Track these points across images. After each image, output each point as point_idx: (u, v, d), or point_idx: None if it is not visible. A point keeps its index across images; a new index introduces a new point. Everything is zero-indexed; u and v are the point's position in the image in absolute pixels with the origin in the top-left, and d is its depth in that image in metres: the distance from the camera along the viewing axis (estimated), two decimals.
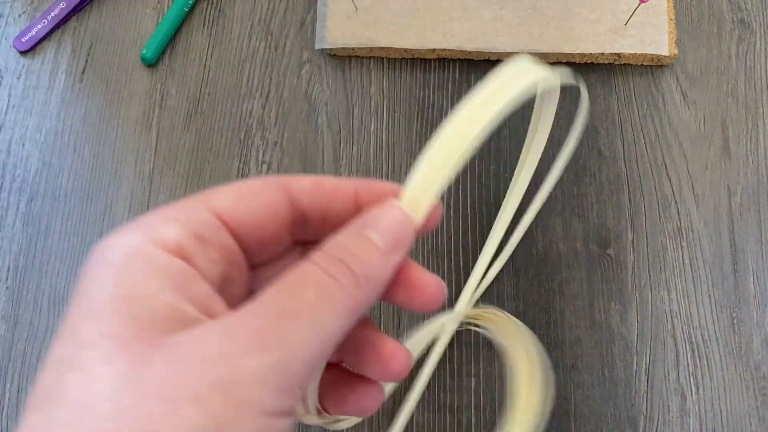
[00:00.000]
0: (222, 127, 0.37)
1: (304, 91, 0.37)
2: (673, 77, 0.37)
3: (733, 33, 0.37)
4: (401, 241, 0.20)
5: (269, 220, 0.21)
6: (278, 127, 0.37)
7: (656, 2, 0.36)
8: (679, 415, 0.32)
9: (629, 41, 0.36)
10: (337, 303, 0.18)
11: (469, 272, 0.34)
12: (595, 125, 0.36)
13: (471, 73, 0.37)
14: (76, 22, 0.39)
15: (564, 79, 0.24)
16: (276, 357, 0.17)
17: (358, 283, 0.19)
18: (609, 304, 0.33)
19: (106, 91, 0.38)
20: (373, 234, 0.20)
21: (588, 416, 0.32)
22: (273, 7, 0.39)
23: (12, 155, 0.37)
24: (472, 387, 0.33)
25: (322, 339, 0.18)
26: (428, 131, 0.36)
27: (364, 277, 0.19)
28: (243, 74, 0.38)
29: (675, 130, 0.36)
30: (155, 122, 0.37)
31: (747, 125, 0.36)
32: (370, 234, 0.20)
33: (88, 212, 0.36)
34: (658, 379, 0.32)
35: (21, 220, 0.36)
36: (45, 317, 0.35)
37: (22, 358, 0.34)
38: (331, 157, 0.36)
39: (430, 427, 0.32)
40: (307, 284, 0.18)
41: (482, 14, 0.36)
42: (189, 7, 0.38)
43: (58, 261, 0.35)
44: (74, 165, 0.37)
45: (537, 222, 0.35)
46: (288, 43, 0.38)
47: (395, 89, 0.37)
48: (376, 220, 0.20)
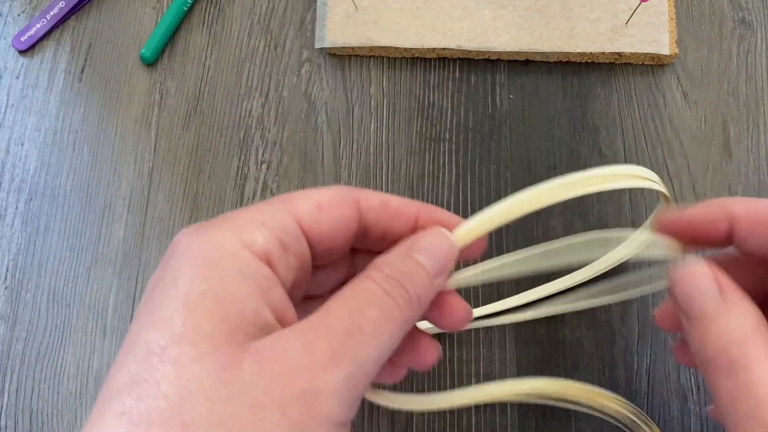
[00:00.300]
0: (221, 126, 0.37)
1: (304, 90, 0.37)
2: (674, 77, 0.37)
3: (734, 32, 0.37)
4: (445, 268, 0.22)
5: (341, 232, 0.22)
6: (278, 127, 0.37)
7: (657, 1, 0.36)
8: (680, 416, 0.32)
9: (630, 40, 0.36)
10: (395, 320, 0.20)
11: None
12: (595, 125, 0.36)
13: (471, 73, 0.37)
14: (75, 21, 0.39)
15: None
16: (347, 371, 0.18)
17: (411, 302, 0.20)
18: (609, 304, 0.33)
19: (105, 90, 0.38)
20: (422, 258, 0.22)
21: (589, 416, 0.32)
22: (273, 6, 0.39)
23: (11, 155, 0.37)
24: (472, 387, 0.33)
25: (382, 353, 0.20)
26: (428, 130, 0.36)
27: (417, 297, 0.21)
28: (242, 73, 0.38)
29: (676, 129, 0.36)
30: (154, 121, 0.37)
31: (748, 125, 0.36)
32: (420, 258, 0.22)
33: (88, 212, 0.36)
34: (659, 379, 0.32)
35: (20, 219, 0.36)
36: (44, 317, 0.35)
37: (21, 358, 0.34)
38: (330, 157, 0.36)
39: (430, 427, 0.32)
40: (371, 303, 0.20)
41: (482, 13, 0.36)
42: (188, 6, 0.38)
43: (57, 260, 0.35)
44: (73, 164, 0.37)
45: (537, 222, 0.35)
46: (288, 42, 0.38)
47: (395, 88, 0.37)
48: (426, 245, 0.22)
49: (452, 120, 0.36)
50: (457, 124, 0.36)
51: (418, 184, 0.35)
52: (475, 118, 0.36)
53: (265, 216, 0.21)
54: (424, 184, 0.35)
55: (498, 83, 0.37)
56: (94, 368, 0.34)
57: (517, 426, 0.32)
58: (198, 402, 0.17)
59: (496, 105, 0.36)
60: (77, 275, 0.35)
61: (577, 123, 0.36)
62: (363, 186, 0.36)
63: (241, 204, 0.36)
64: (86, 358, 0.34)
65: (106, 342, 0.34)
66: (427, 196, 0.35)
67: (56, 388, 0.34)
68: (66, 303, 0.35)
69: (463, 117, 0.36)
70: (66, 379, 0.34)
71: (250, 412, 0.17)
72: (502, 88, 0.37)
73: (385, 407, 0.29)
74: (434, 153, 0.36)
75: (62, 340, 0.34)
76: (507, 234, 0.34)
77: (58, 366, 0.34)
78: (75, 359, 0.34)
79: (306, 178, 0.36)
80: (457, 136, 0.36)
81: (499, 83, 0.37)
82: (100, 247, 0.35)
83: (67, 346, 0.34)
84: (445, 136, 0.36)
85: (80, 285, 0.35)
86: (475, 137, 0.36)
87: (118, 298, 0.35)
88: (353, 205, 0.22)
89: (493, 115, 0.36)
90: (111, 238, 0.36)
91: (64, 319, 0.35)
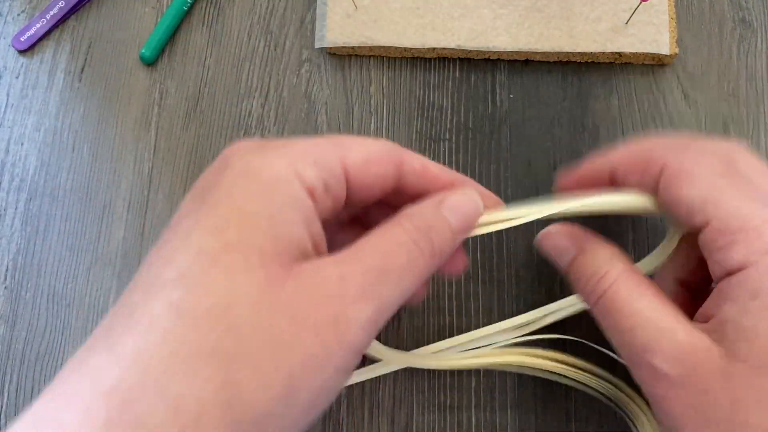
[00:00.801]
0: (221, 126, 0.37)
1: (304, 90, 0.37)
2: (674, 76, 0.37)
3: (735, 32, 0.37)
4: (469, 227, 0.24)
5: (379, 186, 0.24)
6: (278, 127, 0.37)
7: (657, 1, 0.36)
8: None
9: (630, 40, 0.36)
10: (418, 268, 0.22)
11: (469, 271, 0.34)
12: (596, 124, 0.36)
13: (471, 73, 0.37)
14: (75, 21, 0.39)
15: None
16: (374, 307, 0.20)
17: (434, 254, 0.22)
18: None
19: (105, 90, 0.38)
20: (449, 214, 0.23)
21: (589, 417, 0.32)
22: (272, 6, 0.38)
23: (11, 154, 0.37)
24: (472, 387, 0.33)
25: (404, 295, 0.22)
26: (428, 130, 0.36)
27: (440, 250, 0.23)
28: (242, 73, 0.38)
29: (676, 129, 0.36)
30: (154, 121, 0.37)
31: (748, 125, 0.36)
32: (447, 214, 0.23)
33: (87, 211, 0.36)
34: None
35: (20, 219, 0.36)
36: (44, 317, 0.35)
37: (21, 358, 0.34)
38: None
39: (430, 427, 0.32)
40: (400, 250, 0.22)
41: (482, 13, 0.36)
42: (188, 5, 0.38)
43: (57, 260, 0.35)
44: (73, 164, 0.37)
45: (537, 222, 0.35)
46: (287, 42, 0.38)
47: (395, 88, 0.37)
48: (455, 203, 0.24)
49: (452, 120, 0.36)
50: (457, 124, 0.36)
51: None
52: (475, 118, 0.36)
53: (318, 155, 0.22)
54: None
55: (498, 83, 0.37)
56: None
57: (517, 426, 0.32)
58: (244, 308, 0.18)
59: (496, 105, 0.36)
60: (77, 275, 0.35)
61: (577, 123, 0.36)
62: None
63: None
64: None
65: None
66: None
67: None
68: (66, 303, 0.35)
69: (463, 117, 0.36)
70: None
71: (288, 326, 0.19)
72: (502, 88, 0.37)
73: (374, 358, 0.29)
74: (434, 153, 0.36)
75: (62, 340, 0.34)
76: (507, 233, 0.34)
77: (58, 366, 0.34)
78: None
79: None
80: (457, 136, 0.36)
81: (499, 83, 0.37)
82: (100, 247, 0.35)
83: (67, 346, 0.34)
84: (445, 136, 0.36)
85: (80, 285, 0.35)
86: (475, 137, 0.36)
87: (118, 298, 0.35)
88: (397, 164, 0.24)
89: (493, 115, 0.36)
90: (111, 238, 0.36)
91: (64, 319, 0.35)
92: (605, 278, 0.25)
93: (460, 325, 0.33)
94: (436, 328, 0.34)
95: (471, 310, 0.34)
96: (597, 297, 0.25)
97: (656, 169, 0.25)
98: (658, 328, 0.23)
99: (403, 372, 0.33)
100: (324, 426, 0.33)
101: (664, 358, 0.22)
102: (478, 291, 0.34)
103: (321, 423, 0.33)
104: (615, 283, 0.24)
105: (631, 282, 0.24)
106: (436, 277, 0.34)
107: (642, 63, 0.37)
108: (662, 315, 0.23)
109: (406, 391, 0.33)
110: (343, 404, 0.33)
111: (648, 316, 0.23)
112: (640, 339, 0.23)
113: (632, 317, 0.23)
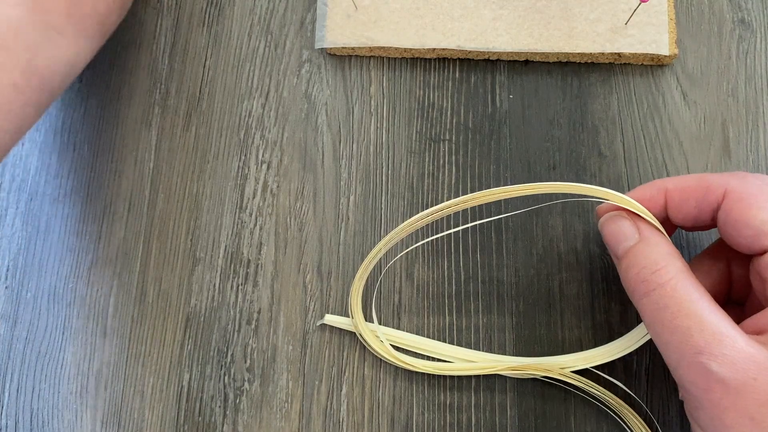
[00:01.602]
0: (221, 126, 0.37)
1: (304, 90, 0.37)
2: (674, 77, 0.37)
3: (734, 33, 0.37)
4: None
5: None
6: (278, 127, 0.37)
7: (656, 2, 0.36)
8: (679, 415, 0.32)
9: (629, 41, 0.36)
10: None
11: (469, 271, 0.34)
12: (595, 125, 0.36)
13: (471, 73, 0.37)
14: None
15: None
16: None
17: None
18: (609, 304, 0.33)
19: (106, 90, 0.38)
20: None
21: (588, 417, 0.32)
22: (273, 7, 0.39)
23: (11, 154, 0.37)
24: (472, 387, 0.33)
25: None
26: (428, 130, 0.36)
27: None
28: (243, 74, 0.38)
29: (675, 129, 0.36)
30: (155, 122, 0.37)
31: (747, 125, 0.36)
32: None
33: (88, 211, 0.36)
34: (659, 379, 0.32)
35: (20, 219, 0.36)
36: (44, 317, 0.35)
37: (21, 358, 0.34)
38: (330, 157, 0.36)
39: (430, 427, 0.32)
40: None
41: (482, 13, 0.36)
42: None
43: (58, 260, 0.35)
44: (74, 164, 0.37)
45: (537, 222, 0.35)
46: (288, 42, 0.38)
47: (395, 88, 0.37)
48: None
49: (452, 120, 0.36)
50: (457, 124, 0.36)
51: (418, 184, 0.35)
52: (475, 118, 0.36)
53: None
54: (424, 184, 0.35)
55: (498, 83, 0.37)
56: (94, 368, 0.34)
57: (517, 426, 0.32)
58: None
59: (496, 105, 0.36)
60: (77, 275, 0.35)
61: (576, 123, 0.36)
62: (363, 185, 0.36)
63: (241, 204, 0.36)
64: (86, 358, 0.34)
65: (106, 342, 0.34)
66: (427, 196, 0.35)
67: (56, 388, 0.34)
68: (66, 303, 0.35)
69: (463, 117, 0.36)
70: (66, 379, 0.34)
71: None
72: (502, 88, 0.37)
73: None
74: (434, 153, 0.36)
75: (62, 340, 0.34)
76: (506, 232, 0.34)
77: (58, 366, 0.34)
78: (75, 359, 0.34)
79: (306, 178, 0.36)
80: (457, 136, 0.36)
81: (499, 83, 0.37)
82: (100, 247, 0.35)
83: (67, 346, 0.34)
84: (445, 136, 0.36)
85: (80, 285, 0.35)
86: (475, 137, 0.36)
87: (118, 298, 0.35)
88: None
89: (493, 115, 0.36)
90: (111, 238, 0.36)
91: (64, 319, 0.35)
92: (662, 272, 0.25)
93: (460, 325, 0.33)
94: (436, 328, 0.34)
95: (471, 310, 0.34)
96: (650, 289, 0.25)
97: (718, 193, 0.25)
98: (717, 332, 0.23)
99: (403, 372, 0.33)
100: (324, 426, 0.33)
101: (722, 363, 0.22)
102: (478, 291, 0.34)
103: (321, 423, 0.33)
104: (674, 279, 0.24)
105: (689, 282, 0.24)
106: (435, 277, 0.34)
107: (641, 63, 0.37)
108: (720, 320, 0.23)
109: (406, 391, 0.33)
110: (343, 404, 0.33)
111: (707, 319, 0.23)
112: (696, 340, 0.23)
113: (690, 317, 0.23)
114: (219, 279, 0.35)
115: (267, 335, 0.34)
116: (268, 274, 0.35)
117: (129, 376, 0.34)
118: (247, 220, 0.35)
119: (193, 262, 0.35)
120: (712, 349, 0.22)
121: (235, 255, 0.35)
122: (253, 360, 0.34)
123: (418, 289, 0.34)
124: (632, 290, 0.26)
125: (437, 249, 0.35)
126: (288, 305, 0.34)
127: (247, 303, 0.34)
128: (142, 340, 0.34)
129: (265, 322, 0.34)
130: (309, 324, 0.34)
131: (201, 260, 0.35)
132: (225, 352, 0.34)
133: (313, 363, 0.34)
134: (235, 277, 0.35)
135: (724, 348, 0.22)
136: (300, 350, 0.34)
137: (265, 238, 0.35)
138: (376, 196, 0.35)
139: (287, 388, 0.33)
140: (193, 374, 0.34)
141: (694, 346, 0.23)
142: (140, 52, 0.38)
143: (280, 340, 0.34)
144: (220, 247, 0.35)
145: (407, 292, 0.34)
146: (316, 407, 0.33)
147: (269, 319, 0.34)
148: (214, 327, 0.34)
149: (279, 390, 0.33)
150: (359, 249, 0.35)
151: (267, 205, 0.36)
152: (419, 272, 0.34)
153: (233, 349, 0.34)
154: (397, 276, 0.34)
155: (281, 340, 0.34)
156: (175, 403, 0.33)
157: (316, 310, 0.34)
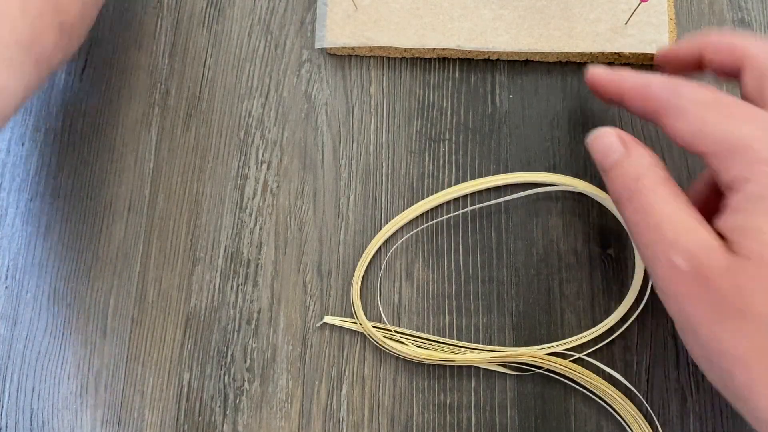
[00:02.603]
0: (221, 126, 0.37)
1: (304, 90, 0.37)
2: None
3: None
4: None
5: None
6: (278, 127, 0.37)
7: (656, 2, 0.36)
8: (679, 415, 0.32)
9: (630, 41, 0.36)
10: None
11: (469, 271, 0.34)
12: (595, 125, 0.36)
13: (471, 73, 0.37)
14: None
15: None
16: None
17: None
18: (609, 304, 0.33)
19: (106, 90, 0.38)
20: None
21: (588, 417, 0.32)
22: (273, 7, 0.39)
23: (11, 154, 0.37)
24: (472, 387, 0.33)
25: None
26: (428, 130, 0.36)
27: None
28: (243, 73, 0.38)
29: None
30: (155, 122, 0.37)
31: None
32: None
33: (88, 211, 0.36)
34: (659, 379, 0.32)
35: (20, 219, 0.36)
36: (44, 316, 0.35)
37: (22, 358, 0.34)
38: (330, 156, 0.36)
39: (430, 427, 0.32)
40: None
41: (482, 13, 0.36)
42: None
43: (58, 260, 0.35)
44: (74, 164, 0.37)
45: (537, 222, 0.35)
46: (288, 42, 0.38)
47: (395, 88, 0.37)
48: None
49: (452, 120, 0.36)
50: (457, 124, 0.36)
51: (417, 183, 0.35)
52: (475, 118, 0.36)
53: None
54: (424, 184, 0.35)
55: (498, 83, 0.37)
56: (94, 368, 0.34)
57: (517, 426, 0.32)
58: None
59: (496, 105, 0.36)
60: (77, 275, 0.35)
61: (577, 123, 0.36)
62: (363, 185, 0.36)
63: (241, 204, 0.36)
64: (86, 358, 0.34)
65: (106, 342, 0.34)
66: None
67: (56, 387, 0.34)
68: (66, 303, 0.35)
69: (463, 117, 0.36)
70: (66, 379, 0.34)
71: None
72: (501, 88, 0.37)
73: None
74: (434, 153, 0.36)
75: (62, 340, 0.34)
76: (507, 233, 0.34)
77: (58, 366, 0.34)
78: (75, 359, 0.34)
79: (306, 178, 0.36)
80: (457, 136, 0.36)
81: (498, 83, 0.37)
82: (100, 247, 0.35)
83: (67, 346, 0.34)
84: (445, 136, 0.36)
85: (80, 285, 0.35)
86: (475, 137, 0.36)
87: (118, 298, 0.35)
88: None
89: (493, 115, 0.36)
90: (111, 238, 0.36)
91: (64, 319, 0.35)
92: (644, 180, 0.26)
93: (460, 325, 0.33)
94: (436, 327, 0.34)
95: (471, 310, 0.34)
96: (631, 193, 0.26)
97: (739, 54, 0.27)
98: (682, 227, 0.24)
99: (403, 372, 0.33)
100: (324, 426, 0.33)
101: (680, 252, 0.24)
102: (478, 291, 0.34)
103: (321, 423, 0.33)
104: (653, 184, 0.26)
105: (667, 186, 0.26)
106: (435, 277, 0.34)
107: (641, 63, 0.37)
108: (688, 217, 0.25)
109: (406, 391, 0.33)
110: (343, 404, 0.33)
111: (676, 217, 0.25)
112: (667, 235, 0.24)
113: (660, 215, 0.25)
114: (219, 279, 0.35)
115: (267, 335, 0.34)
116: (268, 274, 0.35)
117: (129, 376, 0.34)
118: (247, 220, 0.35)
119: (193, 262, 0.35)
120: (678, 244, 0.24)
121: (235, 255, 0.35)
122: (253, 360, 0.34)
123: (418, 289, 0.34)
124: (617, 199, 0.28)
125: (437, 249, 0.35)
126: (288, 305, 0.34)
127: (247, 303, 0.34)
128: (142, 340, 0.34)
129: (265, 322, 0.34)
130: (309, 324, 0.34)
131: (201, 260, 0.35)
132: (225, 352, 0.34)
133: (313, 363, 0.34)
134: (235, 277, 0.35)
135: (690, 242, 0.24)
136: (300, 350, 0.34)
137: (265, 238, 0.35)
138: (376, 195, 0.35)
139: (287, 388, 0.33)
140: (193, 374, 0.34)
141: (663, 240, 0.24)
142: (140, 52, 0.38)
143: (280, 340, 0.34)
144: (220, 247, 0.35)
145: (407, 292, 0.34)
146: (316, 407, 0.33)
147: (269, 319, 0.34)
148: (214, 327, 0.34)
149: (279, 390, 0.33)
150: (359, 249, 0.35)
151: (267, 205, 0.36)
152: (419, 272, 0.34)
153: (233, 349, 0.34)
154: (397, 276, 0.34)
155: (281, 340, 0.34)
156: (175, 403, 0.34)
157: (316, 310, 0.34)
